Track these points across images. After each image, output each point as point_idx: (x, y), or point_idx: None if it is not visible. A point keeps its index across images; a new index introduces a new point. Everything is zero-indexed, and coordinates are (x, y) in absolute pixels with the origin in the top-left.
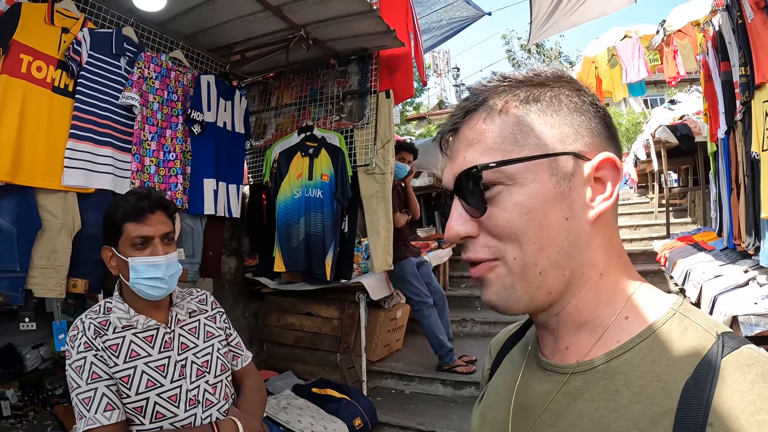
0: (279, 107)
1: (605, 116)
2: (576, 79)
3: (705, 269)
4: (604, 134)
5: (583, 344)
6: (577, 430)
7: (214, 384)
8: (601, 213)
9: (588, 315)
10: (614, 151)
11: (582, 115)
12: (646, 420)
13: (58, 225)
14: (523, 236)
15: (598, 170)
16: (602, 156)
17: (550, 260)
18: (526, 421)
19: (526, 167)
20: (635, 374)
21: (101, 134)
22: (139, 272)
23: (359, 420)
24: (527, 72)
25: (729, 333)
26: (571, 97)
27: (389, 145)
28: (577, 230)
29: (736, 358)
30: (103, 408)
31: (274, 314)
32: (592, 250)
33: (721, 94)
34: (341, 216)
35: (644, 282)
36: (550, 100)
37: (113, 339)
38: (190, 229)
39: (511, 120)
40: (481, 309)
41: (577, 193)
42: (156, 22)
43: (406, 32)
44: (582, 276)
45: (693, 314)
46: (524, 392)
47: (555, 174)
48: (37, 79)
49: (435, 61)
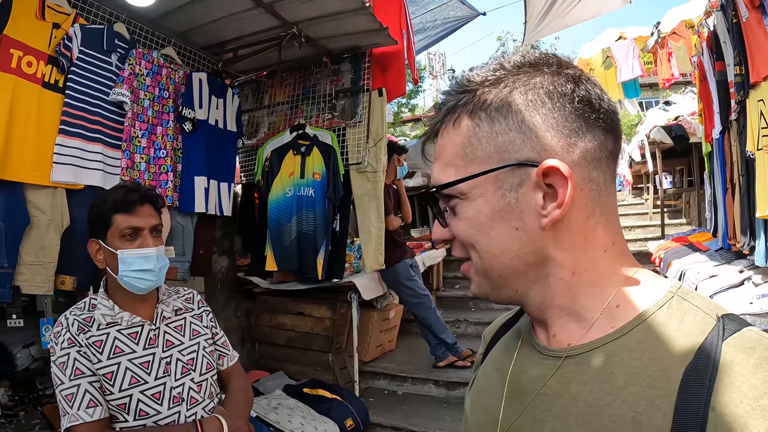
0: (272, 105)
1: (578, 100)
2: (546, 57)
3: (700, 269)
4: (568, 126)
5: (572, 332)
6: (570, 413)
7: (200, 382)
8: (555, 220)
9: (570, 306)
10: (588, 140)
11: (535, 113)
12: (643, 403)
13: (46, 221)
14: (476, 245)
15: (545, 177)
16: (545, 164)
17: (506, 266)
18: (519, 406)
19: (473, 183)
20: (632, 357)
21: (91, 130)
22: (128, 264)
23: (351, 421)
24: (492, 66)
25: (730, 315)
26: (525, 92)
27: (381, 143)
28: (531, 238)
29: (737, 341)
30: (85, 405)
31: (266, 314)
32: (556, 252)
33: (716, 94)
34: (333, 215)
35: (642, 269)
36: (499, 103)
37: (97, 335)
38: (181, 227)
39: (462, 134)
40: (474, 310)
41: (526, 202)
42: (148, 18)
43: (399, 30)
44: (548, 276)
45: (692, 297)
46: (517, 377)
47: (500, 186)
48: (27, 74)
49: (431, 63)
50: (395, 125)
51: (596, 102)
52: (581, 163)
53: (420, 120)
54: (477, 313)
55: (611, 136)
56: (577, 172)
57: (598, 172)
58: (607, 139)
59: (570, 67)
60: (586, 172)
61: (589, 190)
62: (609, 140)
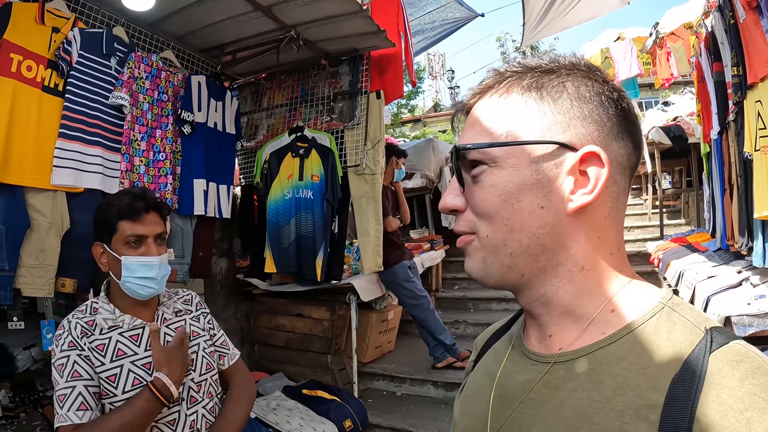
0: (270, 108)
1: (620, 108)
2: (596, 67)
3: (698, 270)
4: (608, 126)
5: (567, 334)
6: (557, 419)
7: (199, 382)
8: (582, 207)
9: (570, 305)
10: (621, 146)
11: (584, 105)
12: (630, 412)
13: (46, 224)
14: (495, 216)
15: (582, 163)
16: (587, 149)
17: (521, 244)
18: (506, 411)
19: (508, 152)
20: (620, 366)
21: (91, 134)
22: (131, 271)
23: (349, 422)
24: (545, 59)
25: (718, 328)
26: (578, 86)
27: (379, 145)
28: (553, 220)
29: (725, 354)
30: (76, 407)
31: (265, 315)
32: (572, 243)
33: (714, 95)
34: (331, 217)
35: (637, 277)
36: (553, 88)
37: (100, 339)
38: (180, 230)
39: (507, 105)
40: (473, 311)
41: (557, 183)
42: (147, 22)
43: (397, 33)
44: (558, 266)
45: (682, 308)
46: (505, 382)
47: (536, 161)
48: (27, 79)
49: (430, 63)
50: (395, 126)
51: (632, 117)
52: (612, 163)
53: (420, 120)
54: (476, 314)
55: (636, 152)
56: (609, 169)
57: (621, 177)
58: (633, 152)
59: (615, 83)
60: (614, 173)
61: (612, 191)
62: (634, 154)
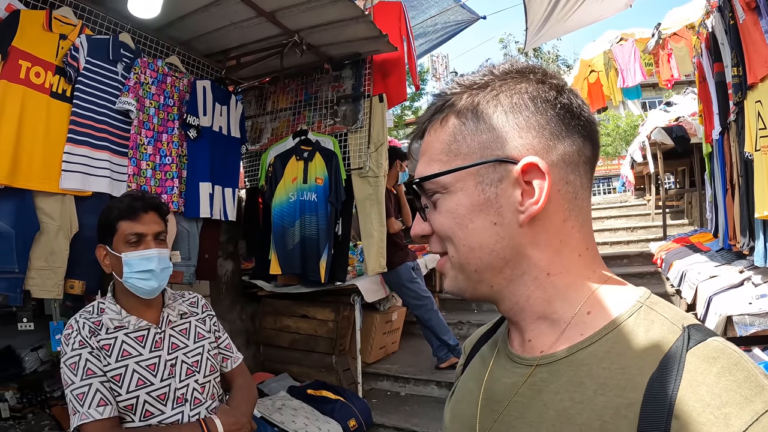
0: (274, 112)
1: (559, 107)
2: (531, 67)
3: (700, 270)
4: (549, 129)
5: (545, 337)
6: (542, 421)
7: (203, 384)
8: (533, 216)
9: (543, 310)
10: (567, 144)
11: (518, 115)
12: (610, 412)
13: (55, 227)
14: (454, 238)
15: (524, 174)
16: (525, 161)
17: (482, 261)
18: (493, 414)
19: (455, 176)
20: (600, 366)
21: (98, 138)
22: (131, 266)
23: (354, 421)
24: (480, 73)
25: (696, 325)
26: (511, 96)
27: (382, 148)
28: (508, 234)
29: (702, 350)
30: (96, 403)
31: (270, 317)
32: (532, 251)
33: (715, 95)
34: (335, 219)
35: (612, 277)
36: (487, 104)
37: (106, 339)
38: (186, 232)
39: (448, 130)
40: (477, 311)
41: (505, 198)
42: (152, 28)
43: (399, 37)
44: (524, 275)
45: (660, 307)
46: (492, 385)
47: (481, 182)
48: (36, 85)
49: (434, 65)
50: (398, 128)
51: (577, 110)
52: (560, 165)
53: None
54: (479, 315)
55: (589, 144)
56: (555, 173)
57: (575, 175)
58: (585, 145)
59: (554, 78)
60: (564, 174)
61: (566, 192)
62: (587, 147)
